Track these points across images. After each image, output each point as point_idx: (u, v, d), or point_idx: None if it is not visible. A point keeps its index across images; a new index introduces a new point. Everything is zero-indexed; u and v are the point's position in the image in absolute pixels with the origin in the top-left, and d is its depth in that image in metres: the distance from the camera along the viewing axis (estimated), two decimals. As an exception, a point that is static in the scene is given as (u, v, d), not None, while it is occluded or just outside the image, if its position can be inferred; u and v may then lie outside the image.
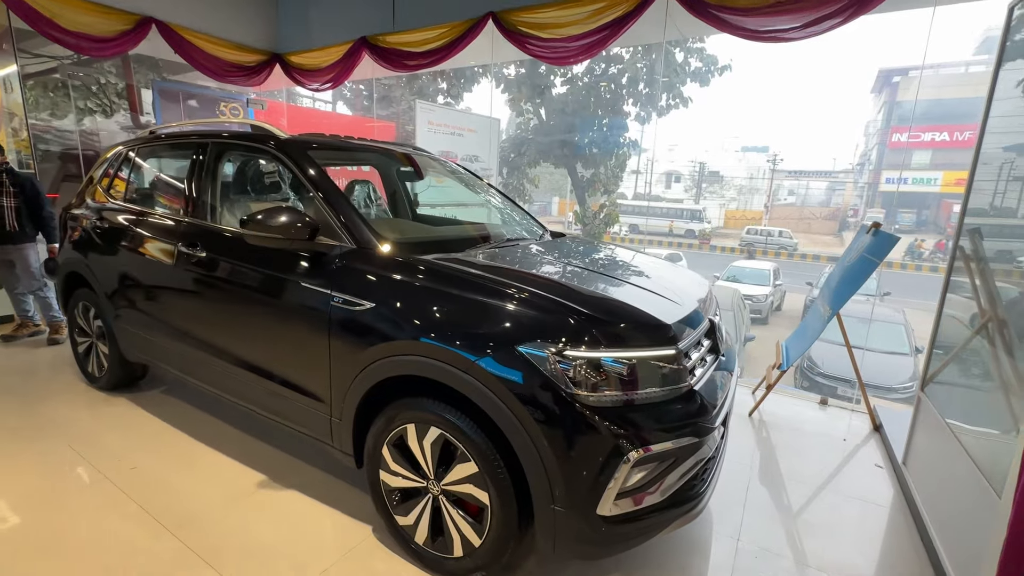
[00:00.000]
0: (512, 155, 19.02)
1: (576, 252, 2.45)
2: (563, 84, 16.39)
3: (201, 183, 2.48)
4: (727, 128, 56.20)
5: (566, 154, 17.78)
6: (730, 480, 2.47)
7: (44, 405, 2.93)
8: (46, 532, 1.91)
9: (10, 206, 3.78)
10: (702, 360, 1.81)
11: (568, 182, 19.41)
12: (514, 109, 18.40)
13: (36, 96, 9.00)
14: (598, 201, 18.71)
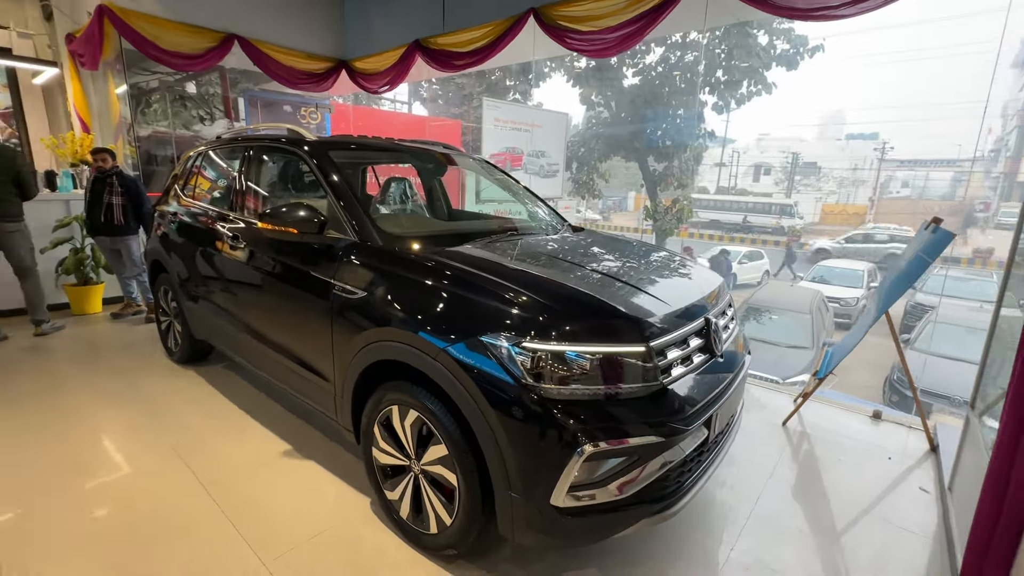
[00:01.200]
0: (581, 150, 18.80)
1: (579, 246, 2.44)
2: (635, 75, 15.89)
3: (246, 182, 2.79)
4: (826, 115, 51.09)
5: (637, 147, 17.25)
6: (742, 488, 2.35)
7: (132, 373, 3.45)
8: (105, 470, 2.28)
9: (118, 204, 4.43)
10: (686, 360, 1.76)
11: (636, 176, 18.79)
12: (584, 103, 18.16)
13: (157, 108, 10.38)
14: (671, 196, 17.97)
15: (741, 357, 2.17)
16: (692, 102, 15.68)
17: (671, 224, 17.04)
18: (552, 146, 15.01)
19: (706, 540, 2.02)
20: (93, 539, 1.90)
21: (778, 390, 3.59)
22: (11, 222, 3.86)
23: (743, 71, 13.79)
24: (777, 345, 8.69)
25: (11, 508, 2.06)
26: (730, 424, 2.09)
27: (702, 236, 28.40)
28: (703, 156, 17.50)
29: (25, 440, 2.57)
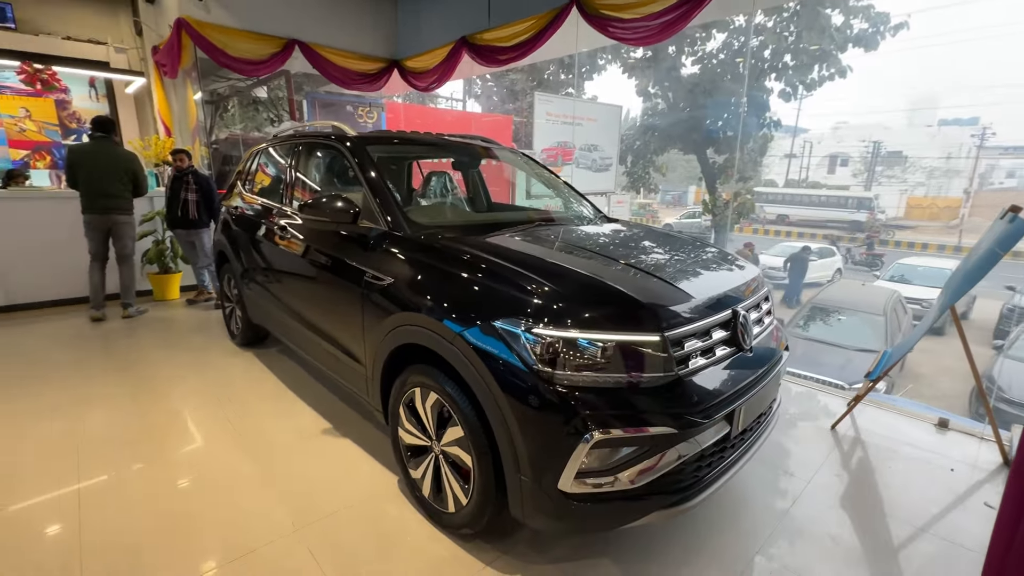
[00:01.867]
0: (637, 143, 18.34)
1: (608, 236, 2.42)
2: (694, 63, 15.27)
3: (295, 176, 2.98)
4: (916, 99, 45.91)
5: (696, 139, 16.60)
6: (778, 490, 2.25)
7: (200, 353, 3.79)
8: (170, 437, 2.54)
9: (193, 200, 4.85)
10: (708, 351, 1.71)
11: (697, 169, 18.06)
12: (641, 94, 17.68)
13: (235, 112, 11.19)
14: (732, 189, 17.16)
15: (776, 353, 2.07)
16: (756, 90, 14.87)
17: (731, 219, 16.28)
18: (605, 140, 14.78)
19: (729, 539, 1.95)
20: (151, 497, 2.13)
21: (832, 393, 3.37)
22: (124, 215, 4.40)
23: (813, 55, 12.88)
24: (845, 348, 8.12)
25: (102, 466, 2.34)
26: (761, 421, 2.01)
27: (767, 232, 26.92)
28: (768, 147, 16.52)
29: (121, 403, 2.90)
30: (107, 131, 4.38)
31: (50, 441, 2.54)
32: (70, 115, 6.87)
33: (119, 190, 4.32)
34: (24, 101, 6.48)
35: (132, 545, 1.85)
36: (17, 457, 2.41)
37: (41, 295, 4.84)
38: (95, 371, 3.42)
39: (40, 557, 1.79)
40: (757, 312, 2.06)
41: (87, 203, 4.26)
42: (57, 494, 2.13)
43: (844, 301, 9.66)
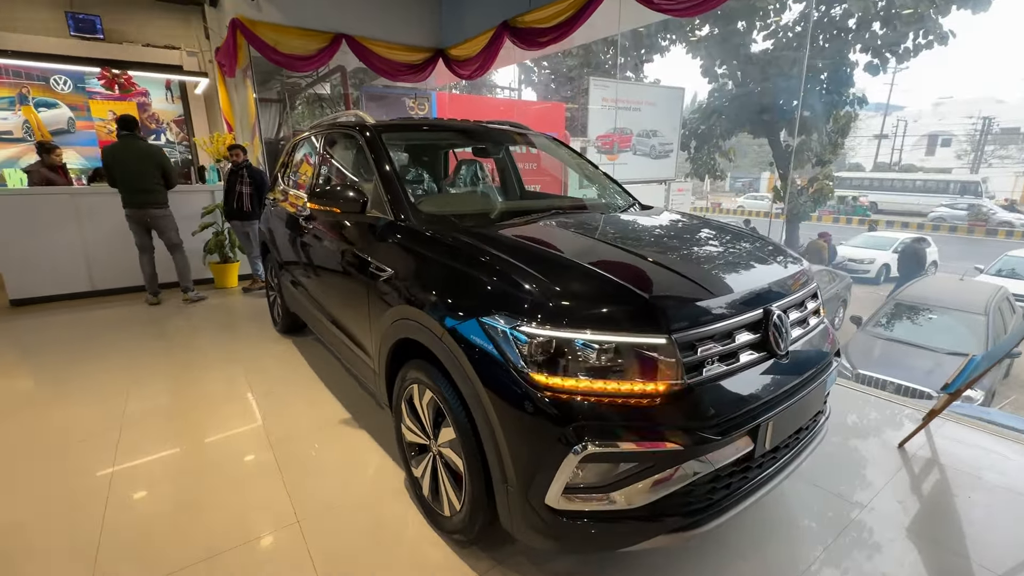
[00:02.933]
0: (701, 127, 17.32)
1: (635, 225, 2.21)
2: (765, 39, 14.11)
3: (319, 166, 2.99)
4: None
5: (767, 121, 15.38)
6: (823, 515, 1.97)
7: (244, 338, 3.97)
8: (198, 421, 2.64)
9: (247, 192, 5.09)
10: (729, 357, 1.49)
11: (770, 154, 16.77)
12: (707, 75, 16.63)
13: (302, 109, 11.71)
14: (807, 174, 15.80)
15: (822, 358, 1.79)
16: (839, 64, 13.50)
17: (806, 207, 15.00)
18: (665, 124, 14.04)
19: (756, 567, 1.72)
20: (171, 478, 2.21)
21: (904, 404, 2.95)
22: (159, 208, 4.68)
23: (907, 20, 11.46)
24: (935, 351, 7.23)
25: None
26: (800, 437, 1.75)
27: (850, 221, 24.68)
28: (851, 127, 15.00)
29: (164, 383, 3.09)
30: (131, 128, 4.59)
31: (98, 415, 2.73)
32: (150, 116, 7.46)
33: (151, 184, 4.57)
34: (112, 105, 7.11)
35: (145, 527, 1.92)
36: (63, 433, 2.61)
37: (119, 282, 5.29)
38: (147, 352, 3.66)
39: (65, 527, 1.90)
40: (799, 312, 1.79)
41: (125, 199, 4.56)
42: (94, 475, 2.27)
43: (937, 298, 8.62)
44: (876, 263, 14.05)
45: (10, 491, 2.14)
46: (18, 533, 1.88)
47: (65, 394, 3.03)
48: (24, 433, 2.61)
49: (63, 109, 6.92)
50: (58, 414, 2.80)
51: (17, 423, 2.71)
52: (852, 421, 2.73)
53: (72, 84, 6.90)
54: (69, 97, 6.92)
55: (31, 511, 2.00)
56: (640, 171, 13.67)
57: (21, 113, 6.66)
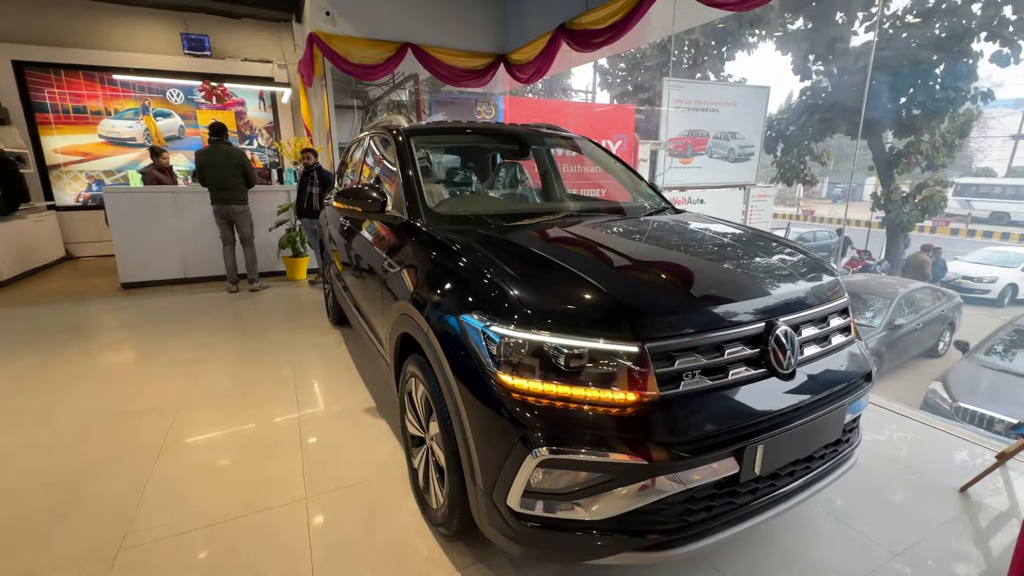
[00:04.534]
0: (790, 128, 16.09)
1: (649, 229, 2.12)
2: (867, 31, 12.82)
3: (363, 167, 3.18)
4: None
5: (869, 120, 13.94)
6: (846, 556, 1.77)
7: (299, 328, 4.29)
8: (243, 400, 2.91)
9: (316, 193, 5.50)
10: (717, 371, 1.39)
11: (869, 156, 15.16)
12: (798, 72, 15.41)
13: (384, 115, 12.41)
14: (916, 180, 14.12)
15: (843, 381, 1.62)
16: (957, 55, 11.93)
17: (911, 216, 13.38)
18: (747, 126, 13.20)
19: (754, 605, 1.59)
20: (208, 449, 2.46)
21: (979, 442, 2.56)
22: (240, 204, 5.20)
23: (1044, 2, 9.87)
24: (1062, 388, 6.20)
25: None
26: (811, 467, 1.59)
27: (972, 233, 21.67)
28: (971, 127, 13.19)
29: (220, 365, 3.44)
30: (220, 134, 5.18)
31: (165, 390, 3.09)
32: (245, 124, 8.29)
33: (234, 183, 5.13)
34: (215, 114, 7.99)
35: (178, 490, 2.15)
36: (128, 402, 2.98)
37: (206, 271, 5.94)
38: (216, 333, 4.08)
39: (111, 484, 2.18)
40: (818, 328, 1.63)
41: (213, 196, 5.13)
42: (149, 438, 2.57)
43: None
44: (999, 282, 12.22)
45: (88, 433, 2.49)
46: (79, 480, 2.19)
47: (148, 364, 3.47)
48: (108, 393, 3.02)
49: (176, 118, 7.89)
50: (139, 382, 3.20)
51: (103, 384, 3.14)
52: (908, 456, 2.42)
53: (183, 96, 7.85)
54: (180, 107, 7.88)
55: (95, 458, 2.32)
56: (716, 175, 12.95)
57: (143, 121, 7.68)
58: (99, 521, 1.94)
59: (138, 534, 1.86)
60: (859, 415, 1.73)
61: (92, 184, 7.67)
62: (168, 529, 1.89)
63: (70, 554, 1.77)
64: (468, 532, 1.75)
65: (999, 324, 8.76)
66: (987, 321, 10.33)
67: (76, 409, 2.85)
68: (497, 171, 3.26)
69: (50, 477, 2.22)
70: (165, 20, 7.53)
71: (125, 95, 7.56)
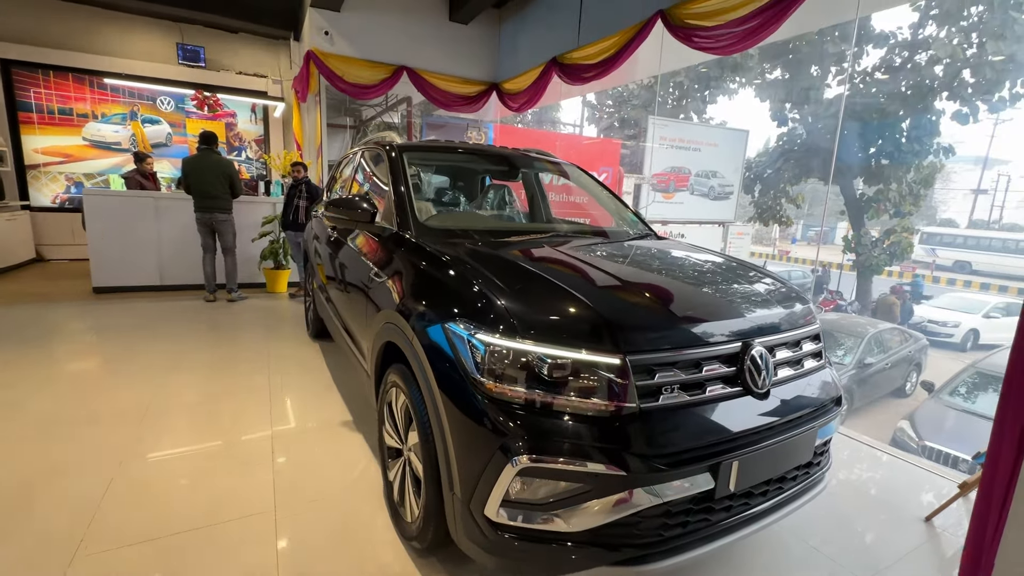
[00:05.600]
0: (767, 171, 16.75)
1: (629, 251, 2.18)
2: (839, 84, 13.60)
3: (352, 181, 3.21)
4: None
5: (839, 168, 14.63)
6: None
7: (277, 339, 4.22)
8: (213, 409, 2.83)
9: (302, 206, 5.50)
10: (695, 387, 1.43)
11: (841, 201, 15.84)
12: (775, 119, 16.19)
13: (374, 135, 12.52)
14: (883, 225, 14.76)
15: (814, 404, 1.67)
16: (922, 112, 12.71)
17: (880, 260, 13.94)
18: (727, 166, 13.74)
19: (726, 628, 1.58)
20: (176, 459, 2.38)
21: (946, 474, 2.63)
22: (224, 213, 5.16)
23: (999, 69, 10.67)
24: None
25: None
26: (783, 487, 1.62)
27: (936, 280, 22.62)
28: (935, 178, 13.94)
29: (196, 372, 3.35)
30: (210, 143, 5.19)
31: (131, 397, 2.99)
32: (234, 135, 8.29)
33: (220, 192, 5.11)
34: (205, 124, 7.98)
35: (139, 499, 2.07)
36: (98, 406, 2.87)
37: (183, 279, 5.82)
38: (191, 341, 3.98)
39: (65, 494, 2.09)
40: (790, 351, 1.69)
41: (197, 203, 5.09)
42: (116, 442, 2.48)
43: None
44: (962, 327, 12.72)
45: (47, 439, 2.38)
46: (38, 482, 2.09)
47: (115, 370, 3.36)
48: (70, 400, 2.90)
49: (164, 126, 7.86)
50: (104, 388, 3.09)
51: (65, 390, 3.02)
52: (877, 487, 2.47)
53: (174, 104, 7.84)
54: (170, 115, 7.85)
55: (62, 463, 2.21)
56: (696, 211, 13.37)
57: (130, 127, 7.62)
58: (54, 528, 1.84)
59: (95, 543, 1.78)
60: (829, 439, 1.78)
61: (71, 186, 7.53)
62: (126, 539, 1.81)
63: (22, 559, 1.68)
64: (441, 547, 1.73)
65: (961, 367, 9.08)
66: (951, 364, 10.69)
67: (39, 413, 2.74)
68: (486, 192, 3.34)
69: (3, 480, 2.11)
70: (162, 29, 7.58)
71: (114, 100, 7.51)
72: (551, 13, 5.59)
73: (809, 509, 2.16)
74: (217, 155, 5.26)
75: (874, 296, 14.13)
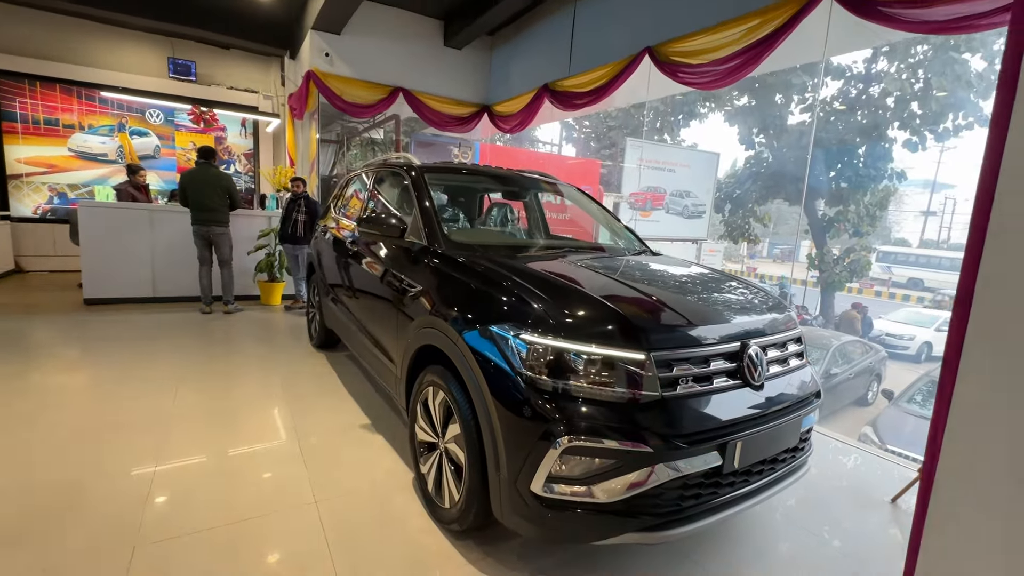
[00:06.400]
0: (736, 191, 17.61)
1: (636, 265, 2.46)
2: (802, 112, 14.54)
3: (369, 197, 3.41)
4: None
5: (803, 189, 15.54)
6: (800, 552, 2.06)
7: (280, 349, 4.33)
8: (239, 412, 2.95)
9: (301, 220, 5.63)
10: (705, 379, 1.69)
11: (806, 221, 16.77)
12: (743, 142, 17.10)
13: (356, 151, 12.68)
14: (844, 244, 15.68)
15: (798, 396, 1.96)
16: (876, 140, 13.71)
17: (841, 276, 14.79)
18: (699, 186, 14.44)
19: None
20: (212, 455, 2.50)
21: (910, 466, 2.97)
22: (221, 226, 5.26)
23: (943, 103, 11.66)
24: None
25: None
26: (776, 468, 1.89)
27: (892, 296, 23.96)
28: (889, 201, 14.96)
29: (208, 382, 3.44)
30: (209, 157, 5.29)
31: (152, 406, 3.08)
32: (224, 149, 8.34)
33: (218, 205, 5.22)
34: (193, 137, 8.02)
35: (185, 497, 2.20)
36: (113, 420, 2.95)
37: (177, 291, 5.84)
38: (193, 354, 4.06)
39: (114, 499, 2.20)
40: (779, 351, 1.98)
41: (194, 216, 5.18)
42: (147, 457, 2.58)
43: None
44: (917, 340, 13.58)
45: (79, 443, 2.47)
46: (71, 492, 2.19)
47: (128, 380, 3.42)
48: (89, 409, 2.97)
49: (152, 138, 7.86)
50: (123, 397, 3.17)
51: (82, 400, 3.08)
52: (848, 474, 2.78)
53: (164, 117, 7.87)
54: (159, 128, 7.87)
55: (100, 464, 2.31)
56: (671, 229, 13.97)
57: (118, 139, 7.60)
58: (111, 521, 1.96)
59: (154, 532, 1.90)
60: (811, 427, 2.07)
61: (54, 197, 7.43)
62: (182, 529, 1.94)
63: (90, 548, 1.80)
64: (478, 529, 1.93)
65: (917, 376, 9.73)
66: (908, 374, 11.40)
67: (59, 422, 2.80)
68: (490, 209, 3.60)
69: (51, 479, 2.20)
70: (153, 43, 7.64)
71: (102, 111, 7.50)
72: (542, 42, 5.95)
73: (793, 493, 2.45)
74: (216, 169, 5.36)
75: (837, 311, 14.93)
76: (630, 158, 12.86)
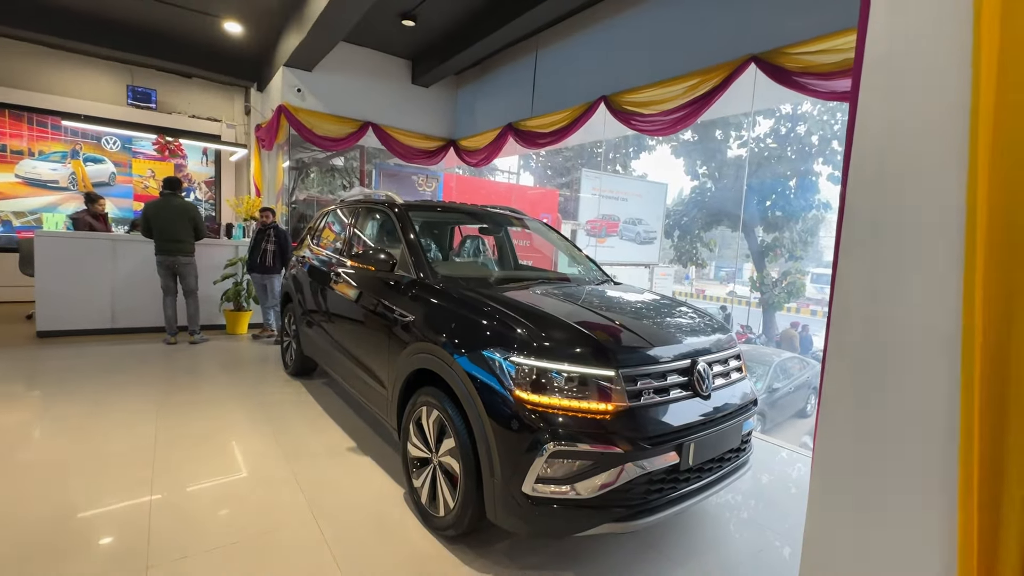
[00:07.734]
0: (684, 219, 18.76)
1: (600, 293, 2.81)
2: (740, 147, 15.85)
3: (352, 232, 3.63)
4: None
5: (743, 217, 16.82)
6: (749, 537, 2.40)
7: (254, 379, 4.38)
8: (221, 442, 3.03)
9: (271, 250, 5.70)
10: (663, 391, 2.02)
11: (747, 245, 18.08)
12: (689, 173, 18.36)
13: (314, 178, 12.69)
14: (781, 267, 16.98)
15: (739, 404, 2.32)
16: (804, 174, 15.12)
17: (779, 297, 15.98)
18: (650, 214, 15.32)
19: (693, 572, 2.13)
20: (207, 480, 2.59)
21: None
22: (187, 256, 5.28)
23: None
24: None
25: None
26: (723, 467, 2.23)
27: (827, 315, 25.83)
28: (820, 227, 16.41)
29: (185, 410, 3.48)
30: (175, 188, 5.33)
31: (131, 437, 3.11)
32: (184, 176, 8.25)
33: (184, 235, 5.24)
34: (152, 164, 7.91)
35: (190, 516, 2.30)
36: (98, 457, 2.98)
37: (137, 322, 5.72)
38: (167, 384, 4.06)
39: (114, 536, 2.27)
40: (722, 366, 2.35)
41: (159, 247, 5.17)
42: (129, 503, 2.64)
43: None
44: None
45: (64, 477, 2.50)
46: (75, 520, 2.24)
47: (100, 413, 3.41)
48: (64, 443, 2.97)
49: (108, 165, 7.69)
50: (99, 430, 3.17)
51: (55, 434, 3.07)
52: (790, 475, 3.19)
53: (120, 144, 7.73)
54: (116, 155, 7.72)
55: (93, 494, 2.36)
56: (626, 255, 14.71)
57: (70, 165, 7.40)
58: (117, 547, 2.04)
59: (162, 555, 2.01)
60: (751, 430, 2.44)
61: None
62: (188, 550, 2.05)
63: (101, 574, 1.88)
64: (470, 533, 2.16)
65: (849, 388, 10.56)
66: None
67: (34, 458, 2.80)
68: (463, 242, 3.90)
69: (46, 512, 2.24)
70: (111, 71, 7.56)
71: (55, 137, 7.31)
72: (506, 84, 6.41)
73: (742, 490, 2.81)
74: (180, 199, 5.39)
75: (779, 329, 16.04)
76: (586, 187, 13.55)
